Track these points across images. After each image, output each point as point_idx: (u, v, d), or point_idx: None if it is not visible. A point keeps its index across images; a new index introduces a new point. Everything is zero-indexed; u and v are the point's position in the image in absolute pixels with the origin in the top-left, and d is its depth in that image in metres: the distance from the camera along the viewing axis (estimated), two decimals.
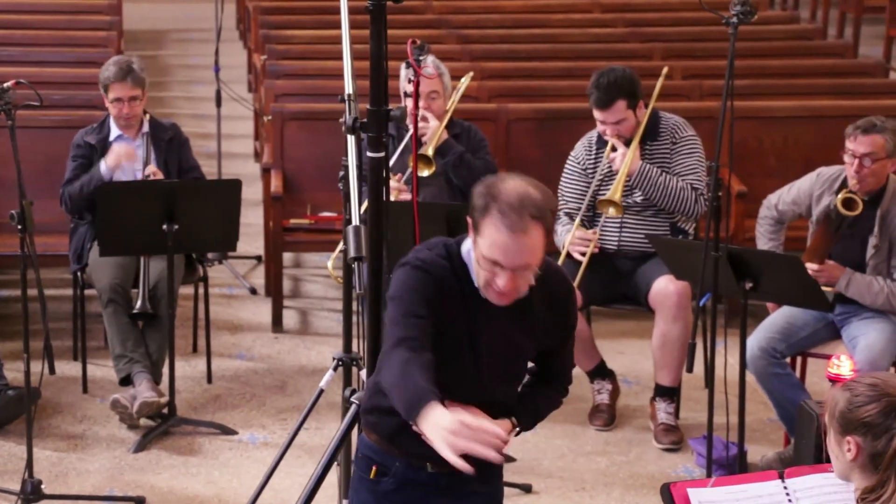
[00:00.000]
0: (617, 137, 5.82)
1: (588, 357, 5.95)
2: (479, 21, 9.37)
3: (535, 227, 3.24)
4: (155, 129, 6.25)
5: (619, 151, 5.81)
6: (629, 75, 5.83)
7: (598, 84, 5.80)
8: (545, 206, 3.27)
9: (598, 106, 5.82)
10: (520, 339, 3.47)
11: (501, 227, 3.23)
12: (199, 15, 12.18)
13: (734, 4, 5.07)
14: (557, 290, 3.48)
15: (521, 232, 3.23)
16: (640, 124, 5.86)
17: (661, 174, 5.82)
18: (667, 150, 5.91)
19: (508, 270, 3.26)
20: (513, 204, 3.24)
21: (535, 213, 3.24)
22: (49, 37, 8.64)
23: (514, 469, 5.47)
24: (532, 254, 3.26)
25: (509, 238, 3.23)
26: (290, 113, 7.38)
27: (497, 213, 3.24)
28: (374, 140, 4.48)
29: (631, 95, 5.80)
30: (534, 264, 3.28)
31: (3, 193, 6.73)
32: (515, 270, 3.27)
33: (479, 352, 3.44)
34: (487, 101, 7.71)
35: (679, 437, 5.70)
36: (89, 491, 5.26)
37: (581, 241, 5.85)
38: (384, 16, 4.43)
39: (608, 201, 5.78)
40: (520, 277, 3.29)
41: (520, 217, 3.23)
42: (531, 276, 3.30)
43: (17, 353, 6.03)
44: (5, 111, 5.14)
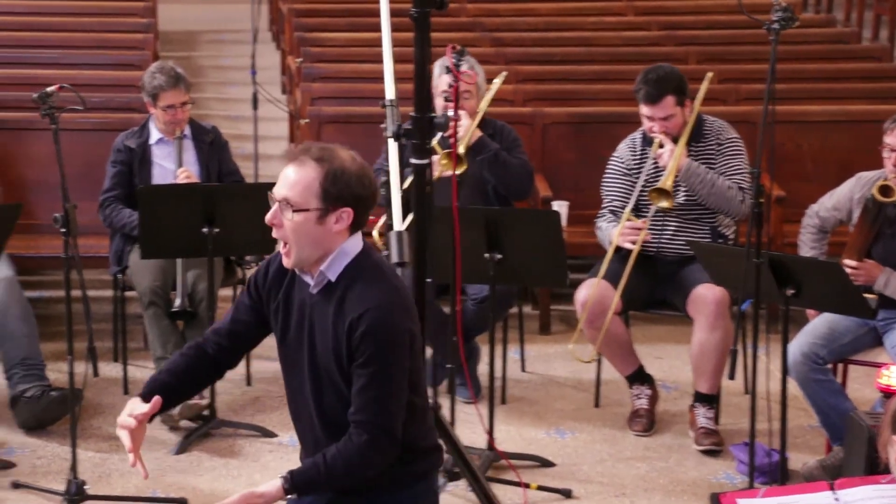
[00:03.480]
0: (664, 134, 5.82)
1: (626, 362, 5.95)
2: (513, 24, 9.37)
3: (312, 166, 3.32)
4: (196, 132, 6.29)
5: (666, 147, 5.80)
6: (677, 72, 5.86)
7: (647, 79, 5.81)
8: (340, 165, 3.36)
9: (647, 101, 5.82)
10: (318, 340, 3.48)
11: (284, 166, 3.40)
12: (232, 16, 12.20)
13: (775, 10, 5.07)
14: (352, 307, 3.39)
15: (291, 160, 3.37)
16: (686, 123, 5.86)
17: (709, 172, 5.82)
18: (712, 151, 5.91)
19: (275, 202, 3.38)
20: (306, 145, 3.42)
21: (318, 155, 3.36)
22: (85, 39, 8.68)
23: (554, 474, 5.47)
24: (294, 187, 3.33)
25: (283, 172, 3.39)
26: (327, 116, 7.41)
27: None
28: (419, 147, 4.52)
29: (679, 92, 5.81)
30: (290, 199, 3.33)
31: (45, 195, 6.79)
32: (276, 200, 3.37)
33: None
34: (523, 104, 7.72)
35: (720, 440, 5.69)
36: (132, 492, 5.28)
37: (631, 230, 5.83)
38: (428, 23, 4.46)
39: (660, 191, 5.76)
40: (279, 213, 3.36)
41: (300, 152, 3.38)
42: (292, 221, 3.34)
43: (59, 354, 6.07)
44: (49, 115, 5.18)
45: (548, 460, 5.56)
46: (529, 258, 5.54)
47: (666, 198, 5.76)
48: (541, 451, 5.62)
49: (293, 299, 3.52)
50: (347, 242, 3.43)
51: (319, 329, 3.45)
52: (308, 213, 3.35)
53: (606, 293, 5.77)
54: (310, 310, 3.47)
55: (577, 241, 6.78)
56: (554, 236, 5.51)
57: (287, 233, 3.38)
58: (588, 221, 6.44)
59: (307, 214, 3.36)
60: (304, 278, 3.48)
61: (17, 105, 7.21)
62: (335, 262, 3.42)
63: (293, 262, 3.42)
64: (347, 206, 3.38)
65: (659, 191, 5.78)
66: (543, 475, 5.44)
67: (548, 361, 6.64)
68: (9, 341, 5.80)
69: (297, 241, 3.38)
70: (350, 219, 3.40)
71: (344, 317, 3.37)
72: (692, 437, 5.75)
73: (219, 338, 3.65)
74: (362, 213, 3.43)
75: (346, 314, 3.37)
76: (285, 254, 3.43)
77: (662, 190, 5.76)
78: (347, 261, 3.42)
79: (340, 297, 3.39)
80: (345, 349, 3.38)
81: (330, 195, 3.35)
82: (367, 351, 3.34)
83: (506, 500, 5.13)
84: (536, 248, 5.51)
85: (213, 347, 3.66)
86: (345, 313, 3.37)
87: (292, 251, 3.40)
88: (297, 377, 3.54)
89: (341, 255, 3.42)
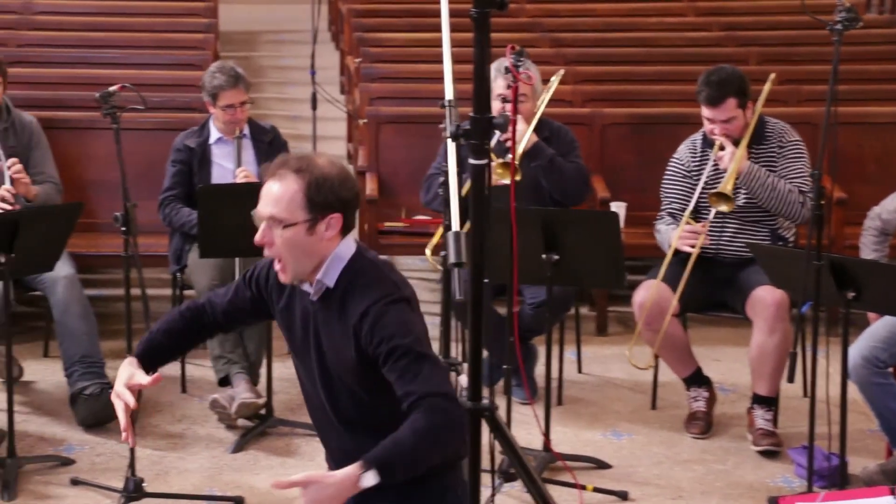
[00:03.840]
0: (725, 137, 5.78)
1: (684, 364, 5.92)
2: (573, 24, 9.35)
3: (292, 178, 3.30)
4: (255, 132, 6.32)
5: (727, 150, 5.77)
6: (739, 74, 5.81)
7: (709, 81, 5.77)
8: (321, 173, 3.32)
9: (708, 103, 5.78)
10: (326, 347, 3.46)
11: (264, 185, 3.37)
12: (291, 16, 12.27)
13: (838, 11, 5.02)
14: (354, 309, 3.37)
15: (270, 176, 3.33)
16: (748, 125, 5.82)
17: (770, 175, 5.77)
18: (774, 153, 5.87)
19: (262, 221, 3.35)
20: (282, 157, 3.38)
21: (296, 167, 3.32)
22: (147, 39, 8.75)
23: (610, 476, 5.45)
24: (279, 203, 3.30)
25: (263, 188, 3.36)
26: (385, 116, 7.43)
27: None
28: (477, 147, 4.51)
29: (741, 94, 5.77)
30: (277, 216, 3.30)
31: (106, 194, 6.84)
32: (263, 219, 3.33)
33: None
34: (581, 105, 7.70)
35: (778, 441, 5.64)
36: (189, 490, 5.31)
37: (690, 234, 5.80)
38: (488, 24, 4.44)
39: (720, 195, 5.72)
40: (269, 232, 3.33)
41: (278, 166, 3.33)
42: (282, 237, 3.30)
43: (118, 352, 6.12)
44: (111, 114, 5.23)
45: (604, 462, 5.54)
46: (587, 259, 5.52)
47: (726, 202, 5.72)
48: (597, 452, 5.61)
49: (295, 308, 3.51)
50: (340, 247, 3.41)
51: (325, 335, 3.44)
52: (297, 226, 3.33)
53: (665, 295, 5.75)
54: (313, 318, 3.46)
55: (635, 243, 6.75)
56: (612, 238, 5.49)
57: (280, 249, 3.36)
58: (646, 223, 6.41)
59: (297, 227, 3.33)
60: (303, 287, 3.47)
61: (80, 105, 7.28)
62: (331, 269, 3.40)
63: (290, 276, 3.41)
64: (335, 212, 3.36)
65: (719, 195, 5.74)
66: (599, 477, 5.42)
67: (604, 363, 6.62)
68: (69, 339, 5.86)
69: (292, 256, 3.37)
70: (339, 223, 3.38)
71: (348, 320, 3.37)
72: (750, 440, 5.71)
73: (214, 312, 3.69)
74: (350, 215, 3.41)
75: (349, 317, 3.36)
76: (281, 270, 3.41)
77: (722, 194, 5.73)
78: (343, 265, 3.40)
79: (342, 301, 3.38)
80: (354, 352, 3.37)
81: (316, 204, 3.33)
82: (385, 342, 3.31)
83: (561, 502, 5.09)
84: (594, 250, 5.49)
85: (208, 318, 3.70)
86: (348, 316, 3.37)
87: (288, 267, 3.39)
88: (311, 384, 3.54)
89: (336, 261, 3.40)
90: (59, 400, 6.05)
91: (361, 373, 3.39)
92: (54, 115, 7.10)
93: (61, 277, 5.90)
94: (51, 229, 5.53)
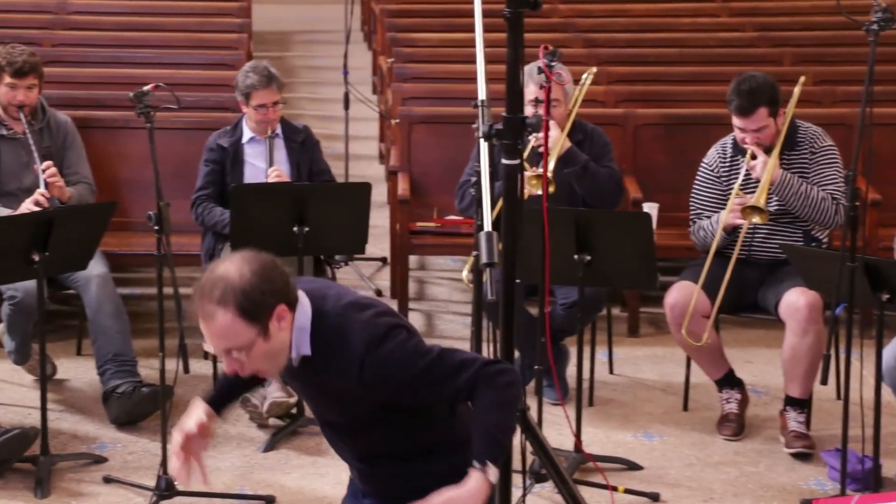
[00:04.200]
0: (756, 145, 5.75)
1: (716, 366, 5.90)
2: (606, 25, 9.33)
3: (220, 311, 3.19)
4: (287, 131, 6.33)
5: (759, 159, 5.73)
6: (770, 82, 5.76)
7: (740, 90, 5.73)
8: (239, 286, 3.19)
9: (739, 113, 5.75)
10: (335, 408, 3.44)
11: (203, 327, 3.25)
12: (324, 17, 12.29)
13: (875, 11, 4.99)
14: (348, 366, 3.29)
15: (201, 318, 3.22)
16: (779, 132, 5.79)
17: (802, 183, 5.74)
18: (806, 159, 5.83)
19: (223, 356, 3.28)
20: (198, 290, 3.23)
21: (215, 298, 3.19)
22: (181, 39, 8.77)
23: (641, 478, 5.44)
24: (225, 337, 3.21)
25: (202, 327, 3.24)
26: (417, 116, 7.43)
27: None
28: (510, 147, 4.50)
29: (773, 102, 5.73)
30: (233, 347, 3.23)
31: (139, 193, 6.87)
32: (226, 354, 3.25)
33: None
34: (614, 105, 7.68)
35: (811, 443, 5.61)
36: (220, 489, 5.32)
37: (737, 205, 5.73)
38: (521, 23, 4.44)
39: (754, 208, 5.70)
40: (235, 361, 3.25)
41: (200, 304, 3.22)
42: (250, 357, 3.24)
43: (151, 350, 6.14)
44: (145, 114, 5.25)
45: (635, 463, 5.52)
46: (619, 260, 5.51)
47: (759, 214, 5.69)
48: (628, 454, 5.59)
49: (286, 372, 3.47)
50: (298, 319, 3.32)
51: (319, 392, 3.44)
52: (255, 341, 3.25)
53: (699, 298, 5.70)
54: (301, 377, 3.44)
55: (668, 244, 6.73)
56: (644, 238, 5.48)
57: (254, 366, 3.30)
58: (679, 224, 6.38)
59: (256, 343, 3.26)
60: None
61: (114, 104, 7.31)
62: (300, 342, 3.33)
63: (273, 375, 3.44)
64: (276, 305, 3.27)
65: (752, 207, 5.70)
66: (630, 478, 5.40)
67: (636, 364, 6.60)
68: (102, 337, 5.88)
69: (268, 363, 3.31)
70: (286, 310, 3.30)
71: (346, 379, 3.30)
72: (782, 442, 5.68)
73: None
74: (289, 292, 3.31)
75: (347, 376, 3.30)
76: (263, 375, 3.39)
77: (756, 206, 5.69)
78: (307, 334, 3.33)
79: (325, 364, 3.33)
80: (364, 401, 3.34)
81: (257, 314, 3.24)
82: (400, 380, 3.29)
83: (592, 503, 5.10)
84: (626, 251, 5.47)
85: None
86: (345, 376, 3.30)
87: (270, 370, 3.36)
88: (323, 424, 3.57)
89: (301, 333, 3.33)
90: (91, 398, 6.08)
91: (370, 408, 3.37)
92: (89, 115, 7.13)
93: (94, 276, 5.93)
94: (84, 228, 5.56)
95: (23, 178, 6.24)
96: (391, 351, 3.29)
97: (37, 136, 6.20)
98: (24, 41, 6.85)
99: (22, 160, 6.24)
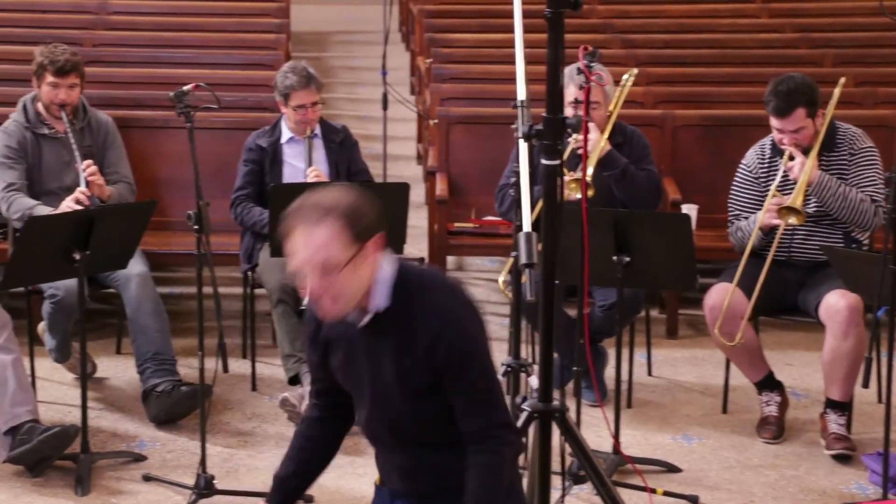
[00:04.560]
0: (794, 146, 5.72)
1: (756, 368, 5.87)
2: (645, 25, 9.30)
3: (328, 221, 3.18)
4: (326, 131, 6.34)
5: (797, 161, 5.71)
6: (808, 82, 5.73)
7: (777, 91, 5.70)
8: (347, 203, 3.19)
9: (776, 114, 5.72)
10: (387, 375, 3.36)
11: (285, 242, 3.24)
12: (362, 17, 12.32)
13: None
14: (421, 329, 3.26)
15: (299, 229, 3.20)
16: (818, 133, 5.75)
17: (840, 185, 5.71)
18: (844, 161, 5.80)
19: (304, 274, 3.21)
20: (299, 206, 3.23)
21: (327, 209, 3.19)
22: (220, 39, 8.80)
23: (680, 480, 5.42)
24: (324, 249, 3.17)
25: (287, 244, 3.22)
26: (455, 117, 7.43)
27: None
28: (550, 148, 4.50)
29: (811, 104, 5.70)
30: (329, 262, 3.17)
31: (178, 193, 6.91)
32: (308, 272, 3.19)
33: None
34: (653, 106, 7.66)
35: (852, 445, 5.58)
36: (259, 488, 5.31)
37: (777, 206, 5.71)
38: (562, 23, 4.43)
39: (790, 209, 5.67)
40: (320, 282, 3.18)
41: (304, 215, 3.20)
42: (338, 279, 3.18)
43: (190, 349, 6.17)
44: (185, 114, 5.27)
45: (674, 466, 5.50)
46: (658, 262, 5.49)
47: (795, 215, 5.66)
48: (667, 456, 5.57)
49: (333, 339, 3.44)
50: (381, 269, 3.31)
51: (375, 361, 3.36)
52: (350, 262, 3.21)
53: (737, 298, 5.69)
54: (360, 345, 3.38)
55: (706, 245, 6.71)
56: (683, 240, 5.45)
57: (335, 292, 3.23)
58: (718, 225, 6.36)
59: (347, 269, 3.21)
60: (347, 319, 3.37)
61: (154, 104, 7.34)
62: (377, 294, 3.30)
63: (341, 313, 3.30)
64: (376, 232, 3.27)
65: (788, 208, 5.67)
66: (669, 481, 5.38)
67: (675, 366, 6.58)
68: (141, 336, 5.91)
69: (350, 292, 3.25)
70: (383, 241, 3.29)
71: (413, 341, 3.28)
72: (823, 445, 5.65)
73: (317, 400, 3.63)
74: (385, 228, 3.30)
75: (415, 337, 3.27)
76: (330, 309, 3.28)
77: (792, 207, 5.66)
78: (388, 287, 3.30)
79: (400, 323, 3.29)
80: (420, 372, 3.30)
81: (360, 234, 3.22)
82: (457, 363, 3.27)
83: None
84: (665, 252, 5.45)
85: (319, 411, 3.63)
86: (414, 337, 3.27)
87: (343, 304, 3.27)
88: (363, 408, 3.49)
89: (381, 285, 3.30)
90: (131, 396, 6.11)
91: (420, 389, 3.33)
92: (129, 115, 7.16)
93: (134, 275, 5.95)
94: (125, 227, 5.58)
95: (64, 177, 6.27)
96: (469, 331, 3.27)
97: (78, 135, 6.23)
98: (66, 41, 6.88)
99: (63, 159, 6.28)
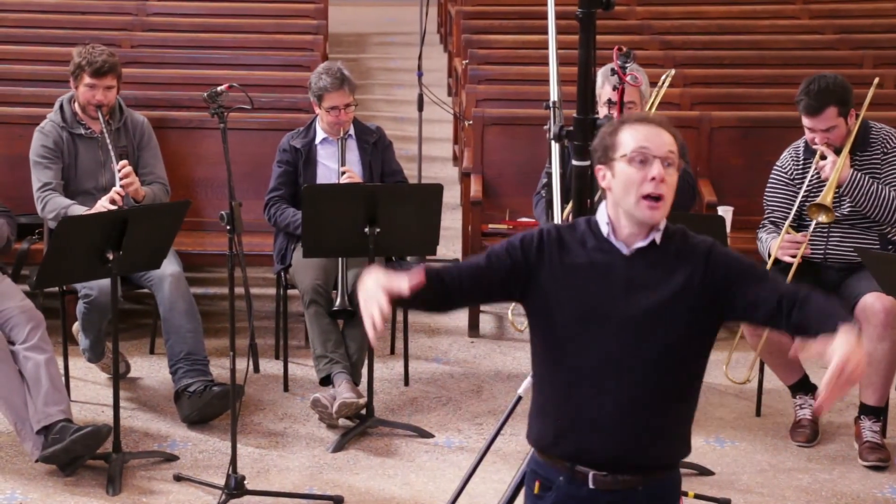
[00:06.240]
0: (826, 146, 5.68)
1: (791, 371, 5.83)
2: (683, 27, 9.26)
3: (667, 132, 3.47)
4: (360, 132, 6.34)
5: (828, 159, 5.67)
6: (841, 82, 5.69)
7: (809, 90, 5.67)
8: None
9: (807, 113, 5.69)
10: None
11: (639, 126, 3.47)
12: (400, 18, 12.33)
13: None
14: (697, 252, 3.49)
15: (657, 125, 3.48)
16: (850, 133, 5.71)
17: (873, 183, 5.66)
18: (877, 160, 5.75)
19: (657, 158, 3.42)
20: (639, 116, 3.54)
21: (671, 126, 3.49)
22: (257, 40, 8.82)
23: (713, 483, 5.38)
24: (671, 143, 3.46)
25: (650, 129, 3.46)
26: (491, 118, 7.41)
27: (629, 123, 3.49)
28: (580, 148, 4.48)
29: (842, 103, 5.65)
30: (671, 158, 3.45)
31: (211, 193, 6.93)
32: (659, 157, 3.43)
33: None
34: (690, 108, 7.62)
35: (886, 455, 5.53)
36: (289, 488, 5.34)
37: (791, 244, 5.72)
38: (594, 24, 4.41)
39: (819, 206, 5.63)
40: (663, 170, 3.43)
41: (654, 121, 3.50)
42: (671, 176, 3.45)
43: (222, 350, 6.19)
44: (218, 114, 5.28)
45: (706, 469, 5.47)
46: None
47: (825, 213, 5.62)
48: (699, 459, 5.53)
49: (580, 266, 3.46)
50: None
51: (645, 285, 3.43)
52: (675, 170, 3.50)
53: None
54: (623, 272, 3.44)
55: (741, 248, 6.64)
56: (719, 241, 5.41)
57: (668, 189, 3.46)
58: (753, 227, 6.31)
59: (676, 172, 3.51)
60: (614, 243, 3.46)
61: (189, 104, 7.37)
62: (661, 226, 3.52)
63: (661, 218, 3.49)
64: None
65: (819, 206, 5.63)
66: (701, 484, 5.35)
67: (708, 369, 6.44)
68: (174, 336, 5.92)
69: (671, 195, 3.47)
70: None
71: (691, 261, 3.45)
72: (857, 450, 5.60)
73: (460, 274, 3.54)
74: None
75: (693, 258, 3.46)
76: (658, 208, 3.45)
77: (822, 205, 5.62)
78: (664, 224, 3.52)
79: (673, 252, 3.47)
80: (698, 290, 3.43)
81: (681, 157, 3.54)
82: (737, 265, 3.48)
83: None
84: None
85: (450, 278, 3.54)
86: (691, 258, 3.46)
87: (665, 208, 3.47)
88: (601, 347, 3.43)
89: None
90: (163, 396, 6.13)
91: (696, 305, 3.44)
92: (165, 115, 7.19)
93: (168, 275, 5.97)
94: (158, 227, 5.59)
95: (99, 177, 6.30)
96: (727, 251, 3.53)
97: (114, 135, 6.26)
98: (104, 42, 6.92)
99: (99, 159, 6.31)
